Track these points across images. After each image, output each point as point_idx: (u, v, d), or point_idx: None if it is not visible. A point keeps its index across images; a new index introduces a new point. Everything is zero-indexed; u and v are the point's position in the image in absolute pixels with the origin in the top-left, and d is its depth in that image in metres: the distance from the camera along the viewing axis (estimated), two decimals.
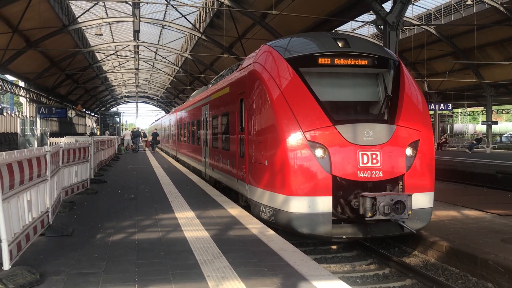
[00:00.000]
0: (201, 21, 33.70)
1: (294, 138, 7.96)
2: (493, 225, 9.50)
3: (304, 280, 4.90)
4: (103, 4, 31.53)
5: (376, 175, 7.92)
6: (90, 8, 30.93)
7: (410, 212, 7.69)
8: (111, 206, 9.69)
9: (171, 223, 7.86)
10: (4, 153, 4.97)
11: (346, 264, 8.47)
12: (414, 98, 8.84)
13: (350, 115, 8.76)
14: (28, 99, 41.49)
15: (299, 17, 23.36)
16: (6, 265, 4.76)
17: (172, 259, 5.64)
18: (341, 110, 8.78)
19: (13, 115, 40.34)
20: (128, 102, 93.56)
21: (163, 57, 48.86)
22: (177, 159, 26.75)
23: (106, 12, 33.77)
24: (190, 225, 7.62)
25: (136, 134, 37.55)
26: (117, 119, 61.28)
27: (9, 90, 37.98)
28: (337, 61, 8.74)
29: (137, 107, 78.89)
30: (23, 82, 40.80)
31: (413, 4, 32.02)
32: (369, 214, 7.50)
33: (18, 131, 36.70)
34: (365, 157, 7.90)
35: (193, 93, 25.25)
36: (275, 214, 8.28)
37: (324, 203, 7.77)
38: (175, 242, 6.49)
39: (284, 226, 8.19)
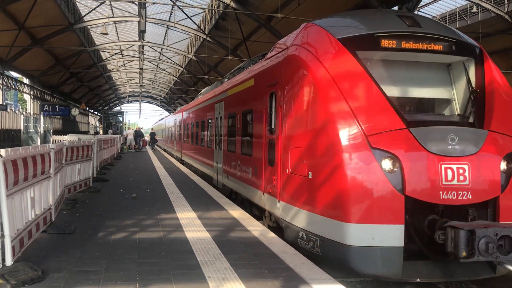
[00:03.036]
0: (206, 23, 33.79)
1: (354, 144, 6.07)
2: None
3: (305, 283, 4.91)
4: (109, 3, 31.66)
5: (463, 197, 6.00)
6: (96, 7, 31.05)
7: None
8: (113, 204, 9.71)
9: (173, 223, 7.88)
10: (9, 149, 5.00)
11: None
12: (506, 96, 6.96)
13: (426, 115, 6.94)
14: (32, 96, 41.66)
15: (304, 21, 23.39)
16: (9, 261, 4.78)
17: (173, 259, 5.66)
18: (413, 108, 7.02)
19: (16, 111, 40.44)
20: (131, 101, 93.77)
21: (168, 58, 48.96)
22: (182, 162, 25.12)
23: (112, 12, 33.88)
24: (192, 226, 7.64)
25: (139, 134, 37.99)
26: (120, 118, 61.43)
27: (13, 86, 38.10)
28: (405, 45, 6.79)
29: (140, 106, 79.20)
30: (27, 79, 40.97)
31: (418, 11, 32.05)
32: (464, 254, 5.51)
33: (22, 128, 36.76)
34: (449, 172, 6.00)
35: (202, 90, 23.35)
36: (323, 245, 6.32)
37: (394, 234, 5.84)
38: (176, 242, 6.50)
39: (335, 262, 6.26)
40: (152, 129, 46.23)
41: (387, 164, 5.96)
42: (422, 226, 6.06)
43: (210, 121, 15.76)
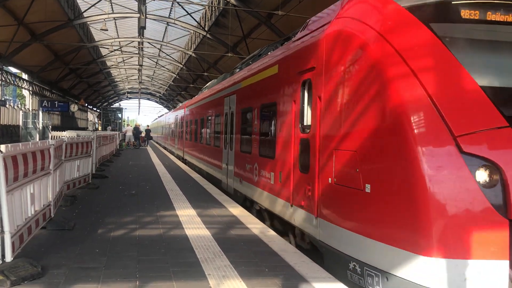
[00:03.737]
0: (206, 20, 33.73)
1: (436, 147, 4.47)
2: None
3: (305, 281, 4.90)
4: None
5: None
6: (96, 3, 30.96)
7: None
8: (112, 201, 9.70)
9: (172, 220, 7.87)
10: (9, 145, 4.98)
11: None
12: None
13: None
14: (31, 92, 41.59)
15: (305, 19, 23.36)
16: (8, 257, 4.77)
17: (173, 257, 5.65)
18: (508, 101, 5.15)
19: (15, 107, 40.38)
20: (130, 98, 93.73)
21: (167, 54, 48.90)
22: (184, 161, 23.74)
23: (112, 8, 33.81)
24: (191, 223, 7.63)
25: (138, 131, 38.20)
26: (119, 115, 61.32)
27: (12, 82, 38.02)
28: (491, 16, 5.12)
29: (139, 103, 79.13)
30: (26, 75, 40.89)
31: None
32: None
33: (20, 124, 36.74)
34: None
35: (208, 84, 21.72)
36: (388, 284, 4.66)
37: (495, 274, 4.23)
38: (176, 240, 6.50)
39: None
40: (148, 126, 46.78)
41: (483, 175, 4.39)
42: None
43: (218, 117, 14.05)
